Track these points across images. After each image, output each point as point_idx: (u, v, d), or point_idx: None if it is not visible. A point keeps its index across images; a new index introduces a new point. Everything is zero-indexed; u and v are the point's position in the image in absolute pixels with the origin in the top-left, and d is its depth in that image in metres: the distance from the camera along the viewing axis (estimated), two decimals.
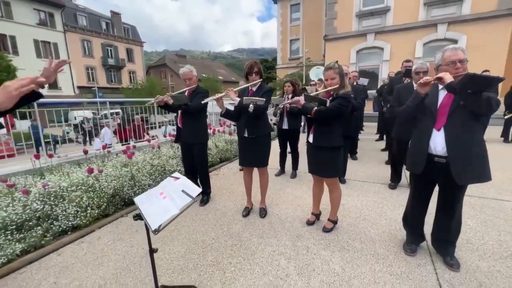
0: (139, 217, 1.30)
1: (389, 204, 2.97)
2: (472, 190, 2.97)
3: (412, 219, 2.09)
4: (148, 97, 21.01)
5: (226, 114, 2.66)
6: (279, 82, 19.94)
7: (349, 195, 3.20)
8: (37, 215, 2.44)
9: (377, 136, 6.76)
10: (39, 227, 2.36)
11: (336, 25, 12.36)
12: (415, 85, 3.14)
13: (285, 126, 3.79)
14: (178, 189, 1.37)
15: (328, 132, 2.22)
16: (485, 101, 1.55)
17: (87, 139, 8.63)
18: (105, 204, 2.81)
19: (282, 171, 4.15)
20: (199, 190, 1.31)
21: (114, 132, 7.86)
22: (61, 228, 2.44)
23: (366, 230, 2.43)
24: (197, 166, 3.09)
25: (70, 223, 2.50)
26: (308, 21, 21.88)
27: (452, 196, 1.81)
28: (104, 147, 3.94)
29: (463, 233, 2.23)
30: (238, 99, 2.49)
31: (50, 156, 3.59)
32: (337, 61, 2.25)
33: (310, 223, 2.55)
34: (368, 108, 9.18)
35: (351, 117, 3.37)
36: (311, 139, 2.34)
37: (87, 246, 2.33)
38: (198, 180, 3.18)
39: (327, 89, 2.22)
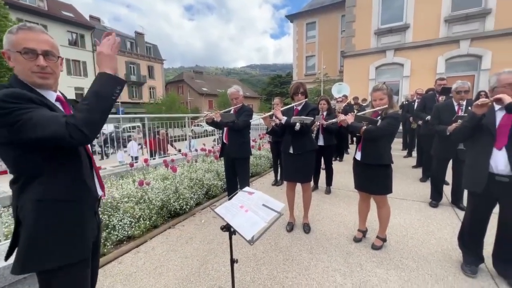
0: (227, 228, 1.41)
1: (434, 223, 2.93)
2: None
3: (471, 238, 2.07)
4: (168, 111, 21.77)
5: (272, 131, 2.80)
6: None
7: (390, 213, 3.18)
8: None
9: (405, 153, 6.68)
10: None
11: (355, 42, 12.60)
12: (455, 103, 3.18)
13: (321, 142, 3.87)
14: (258, 203, 1.47)
15: (377, 150, 2.28)
16: None
17: (105, 151, 8.92)
18: (155, 215, 2.95)
19: (316, 186, 4.18)
20: (282, 205, 1.41)
21: (141, 145, 8.23)
22: (118, 238, 2.58)
23: (417, 249, 2.41)
24: (239, 180, 3.20)
25: (126, 233, 2.64)
26: (323, 39, 22.40)
27: None
28: (146, 161, 4.15)
29: None
30: (285, 118, 2.63)
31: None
32: (384, 82, 2.35)
33: (357, 240, 2.56)
34: None
35: None
36: (358, 157, 2.41)
37: (144, 256, 2.45)
38: None
39: (375, 109, 2.31)
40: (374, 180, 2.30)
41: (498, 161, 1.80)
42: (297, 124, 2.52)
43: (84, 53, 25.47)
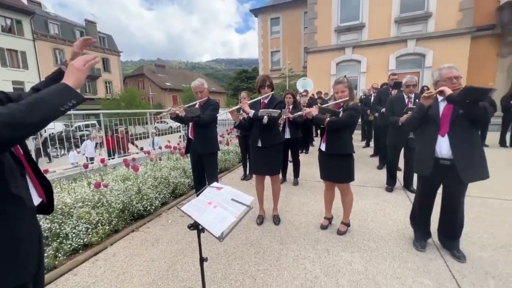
0: (194, 227, 1.34)
1: (390, 206, 3.20)
2: None
3: (420, 217, 2.30)
4: (128, 107, 20.22)
5: (240, 125, 2.76)
6: None
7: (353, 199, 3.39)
8: (45, 235, 2.31)
9: (364, 143, 7.19)
10: (49, 247, 2.23)
11: (317, 39, 13.08)
12: (405, 96, 3.49)
13: (287, 135, 3.94)
14: (227, 198, 1.43)
15: (340, 140, 2.40)
16: (482, 109, 1.82)
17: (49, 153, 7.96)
18: (115, 219, 2.72)
19: (284, 179, 4.27)
20: (252, 198, 1.39)
21: (98, 145, 7.54)
22: (72, 247, 2.33)
23: (376, 231, 2.61)
24: (207, 176, 3.11)
25: (81, 240, 2.39)
26: (287, 34, 22.84)
27: (457, 194, 2.05)
28: (103, 161, 3.80)
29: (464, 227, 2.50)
30: (252, 111, 2.61)
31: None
32: (345, 76, 2.46)
33: (324, 227, 2.68)
34: None
35: None
36: (323, 147, 2.51)
37: (104, 264, 2.24)
38: None
39: (337, 101, 2.42)
40: (338, 169, 2.41)
41: (442, 146, 2.01)
42: (265, 117, 2.52)
43: (23, 42, 22.25)
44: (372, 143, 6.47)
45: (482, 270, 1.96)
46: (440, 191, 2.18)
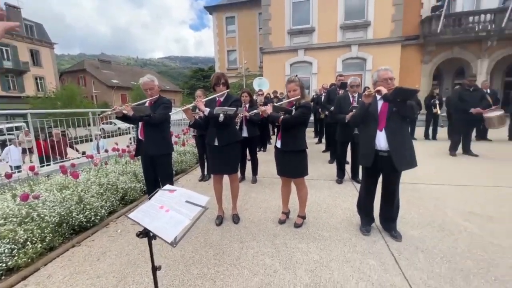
0: (144, 234, 1.24)
1: (340, 196, 3.48)
2: None
3: (365, 205, 2.55)
4: (66, 107, 17.78)
5: (195, 124, 2.67)
6: None
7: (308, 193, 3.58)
8: None
9: (316, 140, 7.67)
10: None
11: (271, 40, 13.45)
12: (350, 95, 3.81)
13: (245, 134, 3.96)
14: (181, 200, 1.36)
15: (294, 137, 2.50)
16: (409, 106, 2.10)
17: None
18: (49, 235, 2.36)
19: (242, 177, 4.28)
20: (207, 198, 1.34)
21: (27, 151, 6.47)
22: None
23: (329, 220, 2.80)
24: (161, 179, 2.92)
25: (4, 265, 2.00)
26: (243, 34, 22.96)
27: (393, 182, 2.33)
28: (32, 169, 3.25)
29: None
30: (208, 109, 2.54)
31: None
32: (296, 75, 2.57)
33: (282, 221, 2.77)
34: None
35: None
36: (279, 145, 2.58)
37: None
38: None
39: (290, 99, 2.51)
40: (293, 165, 2.51)
41: (381, 140, 2.26)
42: (221, 115, 2.47)
43: None
44: (324, 140, 6.93)
45: (413, 246, 2.27)
46: (380, 180, 2.45)
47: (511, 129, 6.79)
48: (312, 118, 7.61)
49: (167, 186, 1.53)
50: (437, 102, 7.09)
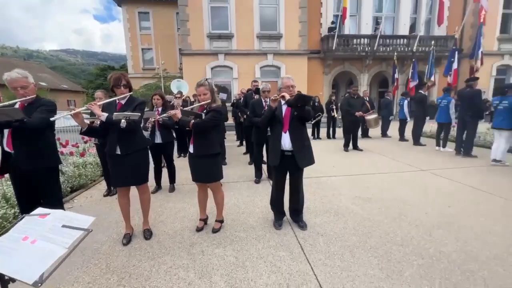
0: None
1: (258, 196, 3.66)
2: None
3: (276, 201, 2.76)
4: None
5: (89, 131, 2.27)
6: (133, 93, 18.09)
7: (227, 196, 3.58)
8: None
9: (238, 143, 7.90)
10: None
11: (190, 42, 13.06)
12: (263, 100, 4.09)
13: (158, 140, 3.66)
14: (55, 226, 1.11)
15: (206, 142, 2.47)
16: (307, 111, 2.41)
17: None
18: None
19: (158, 187, 3.94)
20: (91, 218, 1.13)
21: None
22: None
23: (246, 220, 2.90)
24: (44, 200, 2.34)
25: None
26: (160, 32, 21.47)
27: (298, 178, 2.62)
28: None
29: (304, 202, 3.21)
30: (105, 114, 2.21)
31: None
32: (206, 79, 2.55)
33: (199, 229, 2.68)
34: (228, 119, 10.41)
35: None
36: (191, 149, 2.50)
37: None
38: None
39: (201, 103, 2.48)
40: (206, 169, 2.47)
41: (285, 141, 2.50)
42: (122, 121, 2.18)
43: None
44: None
45: (315, 232, 2.61)
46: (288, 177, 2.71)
47: (383, 128, 8.83)
48: (233, 121, 7.79)
49: (37, 211, 1.22)
50: (334, 107, 8.50)
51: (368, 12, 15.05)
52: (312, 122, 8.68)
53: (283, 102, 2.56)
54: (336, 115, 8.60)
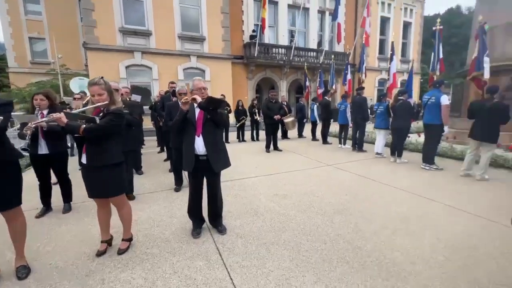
0: None
1: (177, 205, 3.42)
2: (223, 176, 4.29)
3: (194, 208, 2.63)
4: None
5: None
6: (18, 92, 14.36)
7: (141, 209, 3.23)
8: None
9: (159, 149, 7.27)
10: None
11: (98, 35, 11.30)
12: (180, 103, 3.87)
13: (43, 150, 2.94)
14: None
15: (104, 150, 2.12)
16: (220, 114, 2.39)
17: None
18: None
19: (47, 208, 3.17)
20: None
21: None
22: None
23: (162, 234, 2.65)
24: None
25: None
26: (56, 20, 17.76)
27: (215, 182, 2.56)
28: None
29: (225, 206, 3.18)
30: None
31: None
32: (102, 77, 2.19)
33: (101, 253, 2.27)
34: (148, 123, 9.46)
35: (130, 132, 3.41)
36: (84, 160, 2.10)
37: None
38: None
39: (96, 105, 2.12)
40: (105, 182, 2.12)
41: (199, 144, 2.41)
42: None
43: None
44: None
45: (235, 234, 2.61)
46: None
47: (299, 130, 9.85)
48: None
49: None
50: (256, 110, 8.94)
51: (284, 25, 16.60)
52: (237, 126, 8.88)
53: (195, 105, 2.47)
54: (259, 118, 9.05)
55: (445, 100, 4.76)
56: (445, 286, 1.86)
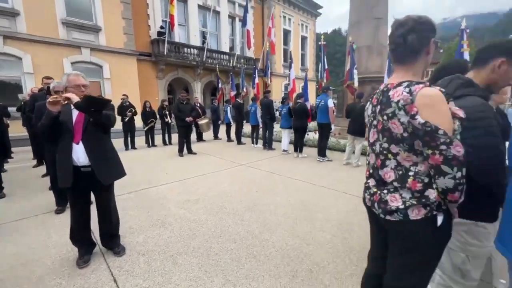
0: None
1: (58, 230, 2.72)
2: (119, 188, 3.76)
3: (78, 232, 2.16)
4: None
5: None
6: None
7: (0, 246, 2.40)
8: None
9: (35, 162, 5.69)
10: None
11: (30, 23, 7.80)
12: None
13: None
14: None
15: None
16: (105, 117, 2.04)
17: None
18: None
19: None
20: None
21: None
22: None
23: (30, 274, 2.04)
24: None
25: None
26: None
27: (106, 197, 2.18)
28: None
29: (126, 222, 2.78)
30: None
31: None
32: None
33: None
34: (19, 129, 7.23)
35: None
36: None
37: None
38: None
39: None
40: None
41: (79, 154, 1.98)
42: None
43: None
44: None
45: (136, 252, 2.30)
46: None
47: (214, 131, 9.83)
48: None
49: None
50: (167, 112, 8.33)
51: (195, 25, 16.20)
52: (145, 129, 8.03)
53: (73, 106, 2.02)
54: (170, 121, 8.46)
55: (331, 103, 5.77)
56: (331, 259, 2.21)
